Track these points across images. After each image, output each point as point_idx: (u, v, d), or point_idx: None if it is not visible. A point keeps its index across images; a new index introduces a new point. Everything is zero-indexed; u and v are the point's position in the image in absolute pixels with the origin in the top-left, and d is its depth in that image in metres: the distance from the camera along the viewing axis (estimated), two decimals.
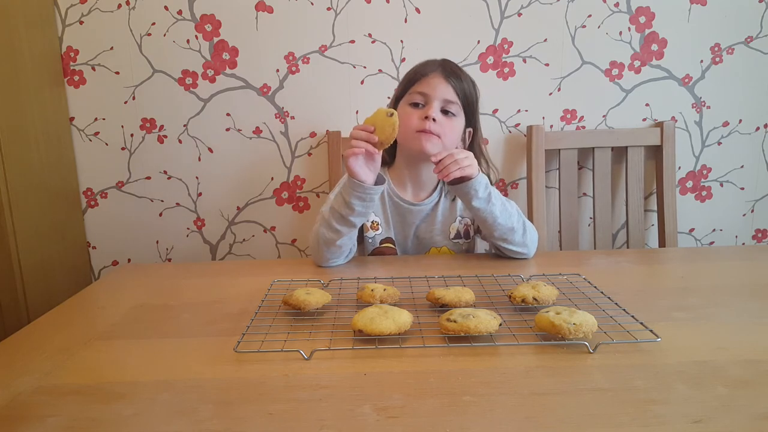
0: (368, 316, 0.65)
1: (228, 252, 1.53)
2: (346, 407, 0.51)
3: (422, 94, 1.03)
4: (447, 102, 1.02)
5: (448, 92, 1.02)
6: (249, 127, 1.44)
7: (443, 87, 1.02)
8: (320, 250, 0.99)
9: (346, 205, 0.95)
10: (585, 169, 1.48)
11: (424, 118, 1.00)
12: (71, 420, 0.50)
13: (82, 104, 1.43)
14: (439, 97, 1.02)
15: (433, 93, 1.02)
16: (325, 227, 0.98)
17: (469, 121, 1.08)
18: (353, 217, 0.96)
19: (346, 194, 0.95)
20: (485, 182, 0.96)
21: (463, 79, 1.05)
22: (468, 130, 1.09)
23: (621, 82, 1.42)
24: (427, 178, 1.11)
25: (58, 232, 1.37)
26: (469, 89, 1.06)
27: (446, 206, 1.11)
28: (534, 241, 1.02)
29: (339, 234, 0.97)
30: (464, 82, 1.05)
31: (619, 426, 0.47)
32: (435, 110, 1.01)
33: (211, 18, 1.38)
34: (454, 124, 1.03)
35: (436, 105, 1.01)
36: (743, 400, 0.50)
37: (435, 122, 1.00)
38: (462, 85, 1.04)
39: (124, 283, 0.95)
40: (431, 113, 1.00)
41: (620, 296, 0.76)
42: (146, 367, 0.61)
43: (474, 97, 1.07)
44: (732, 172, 1.48)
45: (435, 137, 1.00)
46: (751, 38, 1.39)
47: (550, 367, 0.58)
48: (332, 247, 0.98)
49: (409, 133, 1.03)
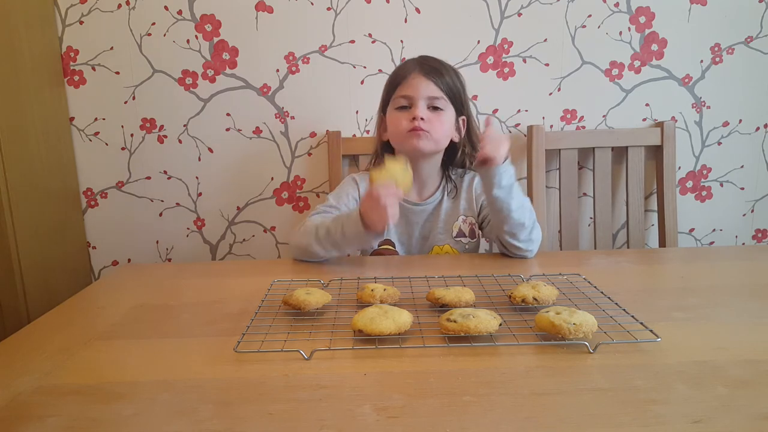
0: (368, 316, 0.65)
1: (228, 252, 1.53)
2: (346, 407, 0.51)
3: (406, 97, 1.04)
4: (432, 99, 1.04)
5: (430, 89, 1.03)
6: (249, 127, 1.44)
7: (425, 85, 1.03)
8: (302, 254, 1.02)
9: (347, 243, 0.96)
10: (585, 169, 1.48)
11: (412, 119, 1.02)
12: (71, 420, 0.50)
13: (82, 104, 1.43)
14: (422, 96, 1.03)
15: (416, 93, 1.03)
16: (316, 243, 0.98)
17: (460, 111, 1.08)
18: (349, 250, 1.00)
19: (352, 238, 0.94)
20: (511, 172, 0.97)
21: (444, 72, 1.06)
22: (461, 119, 1.10)
23: (621, 82, 1.42)
24: (428, 177, 1.11)
25: (58, 232, 1.37)
26: (452, 80, 1.06)
27: (449, 205, 1.11)
28: (538, 240, 1.02)
29: (328, 254, 1.00)
30: (445, 75, 1.05)
31: (619, 426, 0.47)
32: (421, 109, 1.02)
33: (211, 18, 1.38)
34: (442, 118, 1.04)
35: (422, 104, 1.03)
36: (743, 400, 0.50)
37: (423, 120, 1.02)
38: (444, 79, 1.05)
39: (124, 283, 0.95)
40: (418, 113, 1.02)
41: (620, 296, 0.76)
42: (146, 367, 0.61)
43: (459, 86, 1.07)
44: (732, 172, 1.48)
45: (425, 133, 1.02)
46: (751, 38, 1.39)
47: (550, 367, 0.58)
48: (315, 258, 1.01)
49: (400, 135, 1.05)
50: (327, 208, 1.08)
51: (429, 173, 1.11)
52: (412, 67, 1.06)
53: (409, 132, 1.02)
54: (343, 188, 1.12)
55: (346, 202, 1.09)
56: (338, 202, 1.09)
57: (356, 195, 1.11)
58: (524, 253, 1.02)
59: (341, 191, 1.12)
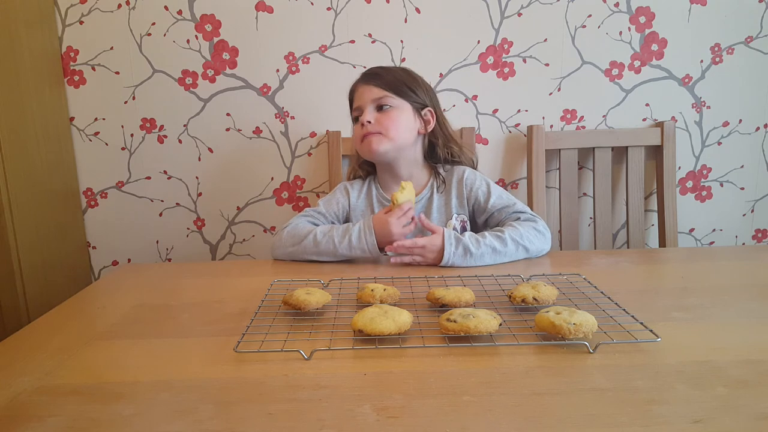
0: (368, 316, 0.65)
1: (228, 252, 1.53)
2: (346, 407, 0.51)
3: (357, 108, 1.09)
4: (376, 100, 1.06)
5: (373, 92, 1.06)
6: (249, 127, 1.44)
7: (367, 91, 1.07)
8: (286, 255, 1.04)
9: (349, 252, 0.99)
10: (585, 169, 1.48)
11: (361, 126, 1.06)
12: (71, 420, 0.50)
13: (82, 104, 1.43)
14: (367, 101, 1.07)
15: (362, 101, 1.08)
16: (311, 248, 1.00)
17: (419, 104, 1.09)
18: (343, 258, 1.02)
19: (357, 248, 0.98)
20: (458, 254, 0.95)
21: (384, 73, 1.08)
22: (427, 110, 1.10)
23: (621, 82, 1.42)
24: (408, 175, 1.13)
25: (58, 232, 1.37)
26: (395, 77, 1.08)
27: (441, 203, 1.12)
28: (539, 251, 1.01)
29: (317, 259, 1.01)
30: (385, 75, 1.08)
31: (619, 426, 0.47)
32: (368, 114, 1.06)
33: (211, 18, 1.38)
34: (392, 114, 1.06)
35: (369, 109, 1.06)
36: (743, 400, 0.50)
37: (370, 123, 1.05)
38: (384, 78, 1.07)
39: (124, 283, 0.95)
40: (363, 118, 1.06)
41: (620, 296, 0.76)
42: (146, 367, 0.61)
43: (406, 80, 1.09)
44: (732, 172, 1.48)
45: (376, 135, 1.05)
46: (751, 38, 1.39)
47: (550, 367, 0.58)
48: (297, 258, 1.03)
49: (358, 145, 1.10)
50: (314, 213, 1.11)
51: (409, 172, 1.12)
52: (358, 80, 1.11)
53: (361, 138, 1.07)
54: (334, 195, 1.15)
55: (335, 210, 1.13)
56: (327, 208, 1.13)
57: (346, 203, 1.14)
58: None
59: (332, 198, 1.15)
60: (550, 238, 1.04)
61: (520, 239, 0.98)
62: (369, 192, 1.15)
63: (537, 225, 1.02)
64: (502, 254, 0.97)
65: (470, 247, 0.95)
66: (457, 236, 0.96)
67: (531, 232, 1.00)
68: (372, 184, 1.16)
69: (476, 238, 0.97)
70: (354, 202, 1.14)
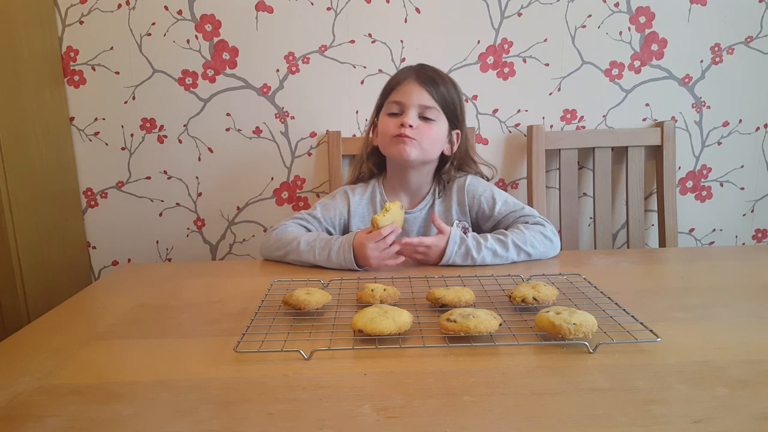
0: (368, 316, 0.65)
1: (228, 252, 1.53)
2: (346, 407, 0.51)
3: (398, 103, 1.03)
4: (423, 108, 1.02)
5: (423, 98, 1.02)
6: (249, 127, 1.44)
7: (418, 93, 1.02)
8: (271, 258, 1.04)
9: (328, 265, 0.97)
10: (585, 169, 1.48)
11: (400, 125, 1.01)
12: (71, 420, 0.50)
13: (82, 104, 1.43)
14: (414, 104, 1.02)
15: (409, 100, 1.02)
16: (293, 255, 1.00)
17: (454, 124, 1.07)
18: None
19: (338, 260, 0.96)
20: (452, 251, 0.95)
21: (440, 83, 1.04)
22: (455, 133, 1.09)
23: (621, 82, 1.42)
24: (417, 185, 1.10)
25: (58, 232, 1.37)
26: (449, 92, 1.05)
27: (441, 210, 1.10)
28: (542, 256, 1.00)
29: (299, 265, 1.01)
30: (441, 86, 1.04)
31: (619, 426, 0.47)
32: (411, 117, 1.01)
33: (211, 18, 1.38)
34: (433, 129, 1.03)
35: (413, 112, 1.02)
36: (743, 400, 0.50)
37: (412, 128, 1.01)
38: (439, 90, 1.03)
39: (124, 283, 0.95)
40: (407, 120, 1.01)
41: (620, 296, 0.76)
42: (146, 367, 0.61)
43: (455, 99, 1.06)
44: (732, 172, 1.48)
45: (412, 141, 1.01)
46: (751, 38, 1.39)
47: (550, 367, 0.58)
48: (282, 261, 1.02)
49: (387, 140, 1.04)
50: (308, 217, 1.08)
51: (420, 184, 1.10)
52: (408, 73, 1.05)
53: (396, 137, 1.02)
54: (334, 200, 1.11)
55: (332, 216, 1.09)
56: (324, 214, 1.09)
57: (345, 210, 1.10)
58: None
59: (331, 203, 1.11)
60: (559, 244, 1.03)
61: (523, 244, 0.98)
62: (373, 196, 1.12)
63: (545, 230, 1.02)
64: (503, 258, 0.97)
65: (472, 251, 0.95)
66: (462, 237, 0.97)
67: (537, 237, 0.99)
68: (376, 187, 1.12)
69: (479, 240, 0.97)
70: (355, 207, 1.10)
